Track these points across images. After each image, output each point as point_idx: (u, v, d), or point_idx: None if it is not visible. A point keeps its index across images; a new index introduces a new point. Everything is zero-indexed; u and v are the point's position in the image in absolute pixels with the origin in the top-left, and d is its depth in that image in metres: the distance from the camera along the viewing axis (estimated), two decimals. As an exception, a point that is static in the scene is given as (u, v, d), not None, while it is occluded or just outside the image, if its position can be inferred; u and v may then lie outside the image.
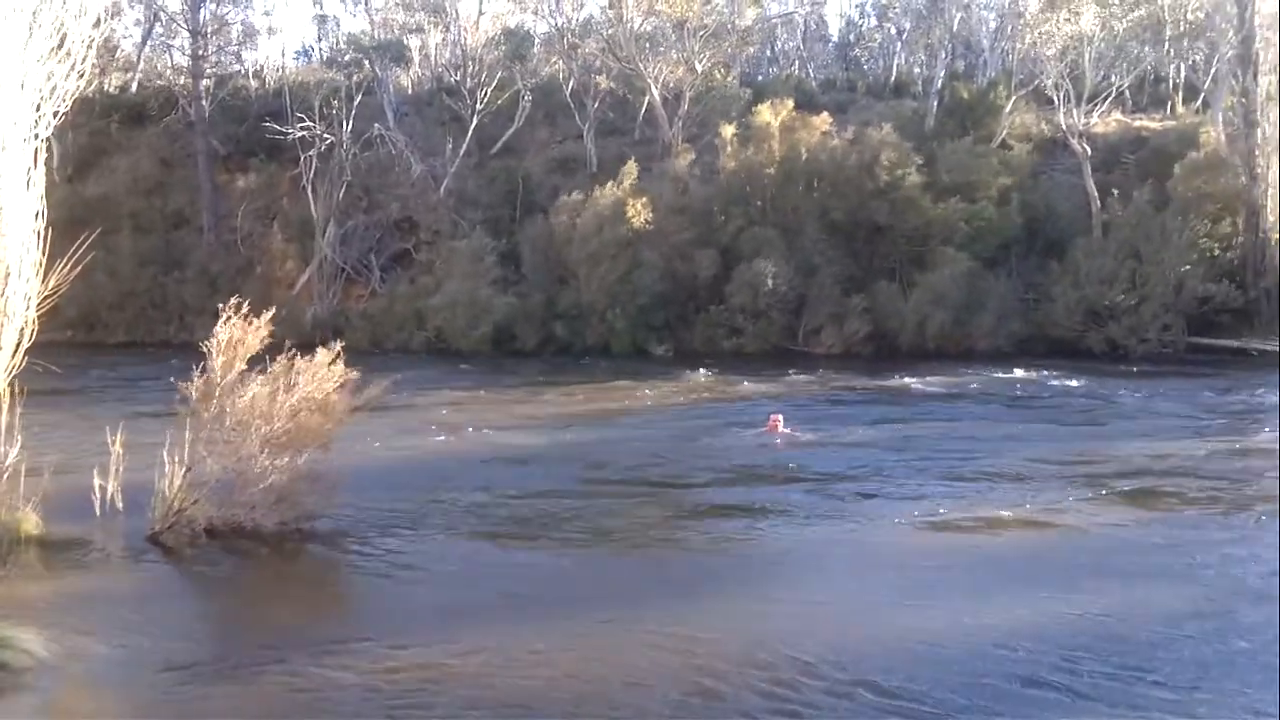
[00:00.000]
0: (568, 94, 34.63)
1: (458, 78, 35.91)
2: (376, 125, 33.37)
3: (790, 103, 30.38)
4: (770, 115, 29.53)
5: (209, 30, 36.37)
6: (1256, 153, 26.56)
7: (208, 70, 35.89)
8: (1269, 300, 26.02)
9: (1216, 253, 26.17)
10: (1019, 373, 22.47)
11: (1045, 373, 22.34)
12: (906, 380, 21.74)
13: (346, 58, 37.57)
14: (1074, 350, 25.54)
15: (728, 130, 29.92)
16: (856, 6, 48.13)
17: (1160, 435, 15.52)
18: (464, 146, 33.01)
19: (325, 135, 31.90)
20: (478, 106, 33.40)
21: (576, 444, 15.54)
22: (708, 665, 7.17)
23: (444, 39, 38.60)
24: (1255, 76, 27.08)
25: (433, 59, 38.83)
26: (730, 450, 14.89)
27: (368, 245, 32.26)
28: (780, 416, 16.18)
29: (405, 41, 38.44)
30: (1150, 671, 7.07)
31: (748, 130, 30.07)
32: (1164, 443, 14.80)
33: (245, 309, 10.48)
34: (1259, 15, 27.51)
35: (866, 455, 14.33)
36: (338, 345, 10.81)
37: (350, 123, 32.09)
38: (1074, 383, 21.31)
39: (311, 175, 31.90)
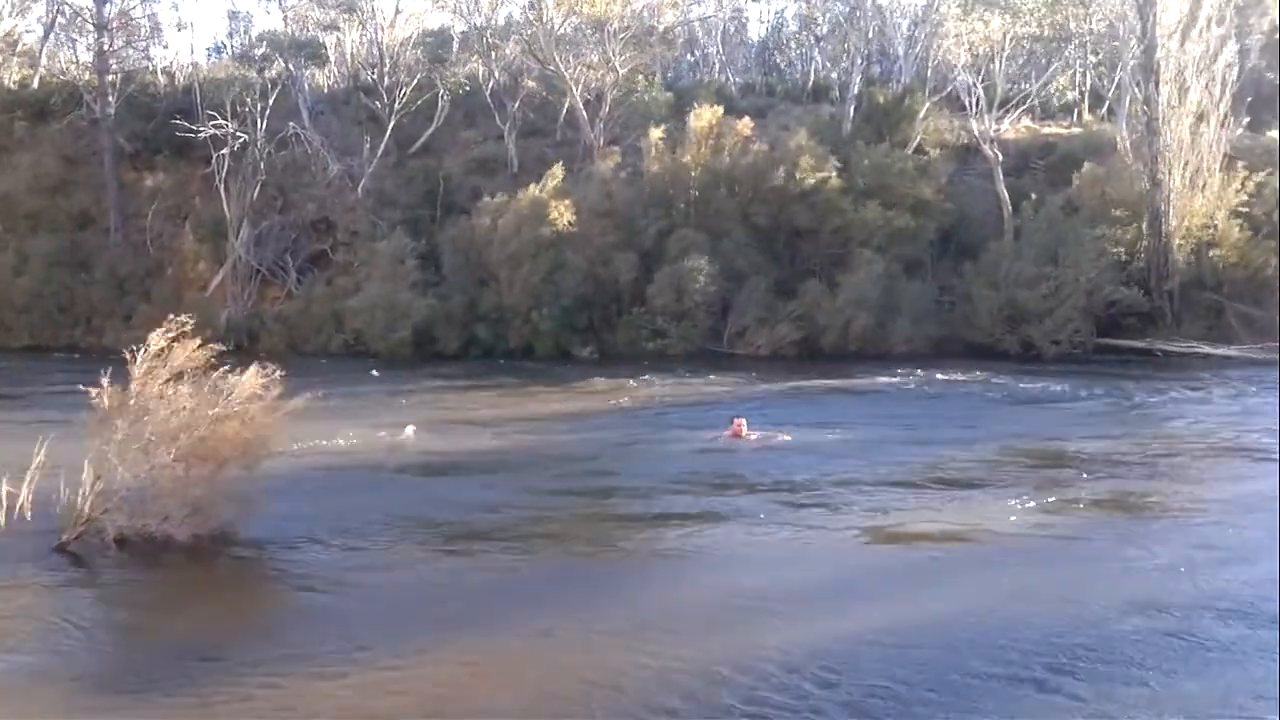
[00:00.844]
0: (488, 94, 34.28)
1: (375, 76, 35.30)
2: (292, 124, 32.61)
3: (720, 109, 30.54)
4: (700, 119, 29.65)
5: (114, 25, 35.17)
6: (1159, 160, 27.43)
7: (114, 66, 34.69)
8: (1172, 303, 26.93)
9: (1123, 258, 26.98)
10: (942, 375, 22.80)
11: (964, 374, 22.76)
12: (837, 381, 22.03)
13: (260, 54, 36.67)
14: (990, 352, 26.10)
15: (655, 133, 29.95)
16: (776, 13, 48.48)
17: (1077, 433, 15.86)
18: (382, 146, 32.45)
19: (238, 134, 31.07)
20: (396, 106, 32.86)
21: (502, 449, 15.34)
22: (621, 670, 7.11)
23: (360, 37, 37.90)
24: (1157, 85, 27.99)
25: (349, 57, 38.10)
26: (662, 454, 14.83)
27: (283, 246, 31.52)
28: (744, 420, 15.72)
29: (320, 39, 37.68)
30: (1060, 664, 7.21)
31: (674, 134, 30.13)
32: (1081, 441, 15.14)
33: (180, 322, 10.22)
34: (1160, 26, 28.42)
35: (815, 458, 14.34)
36: (257, 351, 10.51)
37: (264, 121, 31.30)
38: (994, 383, 21.77)
39: (224, 174, 31.03)
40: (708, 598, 8.71)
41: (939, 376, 22.53)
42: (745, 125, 30.09)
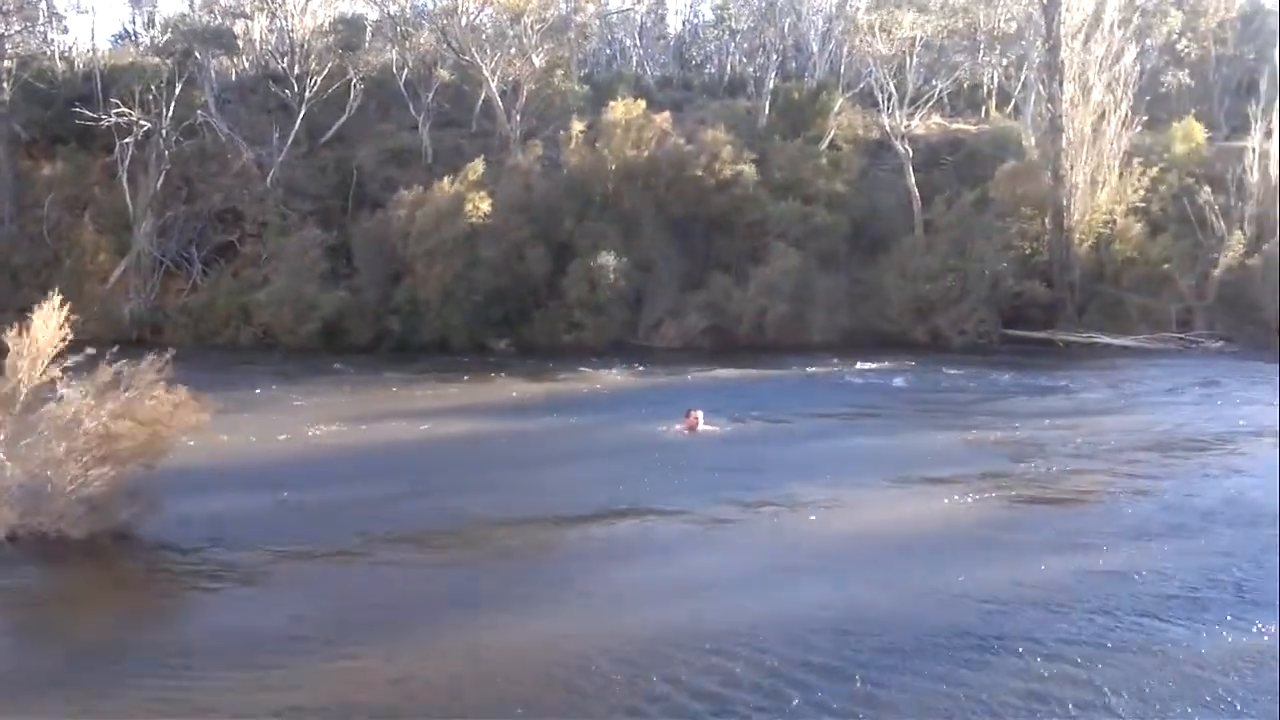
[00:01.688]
0: (402, 84, 33.87)
1: (285, 64, 34.61)
2: (199, 112, 31.82)
3: (642, 102, 30.65)
4: (618, 112, 29.73)
5: (9, 8, 33.90)
6: (1062, 157, 28.31)
7: (9, 50, 33.47)
8: (1074, 295, 27.84)
9: (1028, 251, 27.82)
10: (854, 364, 23.30)
11: (875, 365, 23.26)
12: (751, 372, 22.32)
13: (165, 41, 35.67)
14: (901, 342, 26.69)
15: (577, 126, 29.94)
16: (692, 7, 48.78)
17: (981, 423, 16.35)
18: (292, 136, 31.82)
19: (142, 122, 30.23)
20: (307, 95, 32.28)
21: (417, 443, 15.24)
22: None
23: (270, 24, 37.11)
24: (1061, 84, 28.86)
25: (258, 44, 37.29)
26: (578, 447, 14.87)
27: (188, 237, 30.77)
28: (700, 413, 15.54)
29: (229, 26, 36.79)
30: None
31: (594, 127, 30.17)
32: (982, 430, 15.62)
33: (58, 306, 9.90)
34: (1064, 26, 29.31)
35: (752, 448, 14.54)
36: (162, 345, 10.32)
37: (170, 109, 30.49)
38: (902, 372, 22.28)
39: (127, 164, 30.18)
40: (631, 590, 8.84)
41: (853, 366, 22.99)
42: (664, 119, 30.26)
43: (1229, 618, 7.91)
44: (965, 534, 10.31)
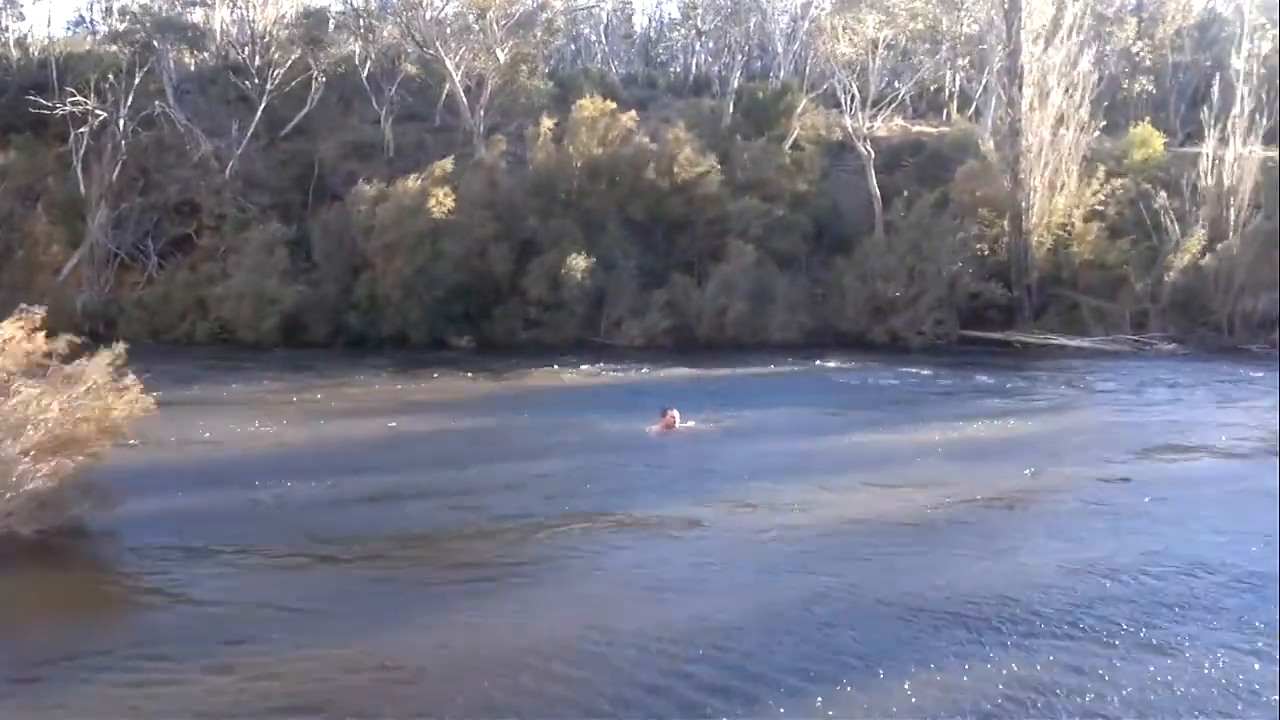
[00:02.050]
0: (365, 77, 33.68)
1: (246, 55, 34.30)
2: (157, 103, 31.46)
3: (611, 103, 30.67)
4: (585, 110, 29.76)
5: (-41, -8, 33.36)
6: (1020, 160, 28.69)
7: (-41, 35, 32.93)
8: (1031, 297, 28.24)
9: (986, 253, 28.17)
10: (813, 364, 23.53)
11: (833, 364, 23.49)
12: (713, 371, 22.46)
13: (124, 29, 35.20)
14: (859, 342, 26.93)
15: (546, 123, 29.95)
16: (659, 6, 48.91)
17: (938, 424, 16.53)
18: (252, 128, 31.56)
19: (98, 111, 29.84)
20: (268, 86, 32.02)
21: (371, 441, 15.18)
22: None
23: (231, 14, 36.72)
24: (1020, 88, 29.24)
25: (219, 35, 36.89)
26: (539, 445, 14.89)
27: (144, 229, 30.45)
28: (676, 412, 15.51)
29: (189, 16, 36.37)
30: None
31: (560, 125, 30.17)
32: (939, 431, 15.82)
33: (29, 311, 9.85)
34: (1024, 32, 29.69)
35: (722, 448, 14.63)
36: (116, 339, 10.26)
37: (127, 99, 30.12)
38: (860, 373, 22.50)
39: (82, 153, 29.80)
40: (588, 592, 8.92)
41: (813, 366, 23.19)
42: (630, 118, 30.33)
43: (1156, 622, 8.08)
44: (918, 533, 10.47)
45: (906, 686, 6.86)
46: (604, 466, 13.34)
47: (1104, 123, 32.22)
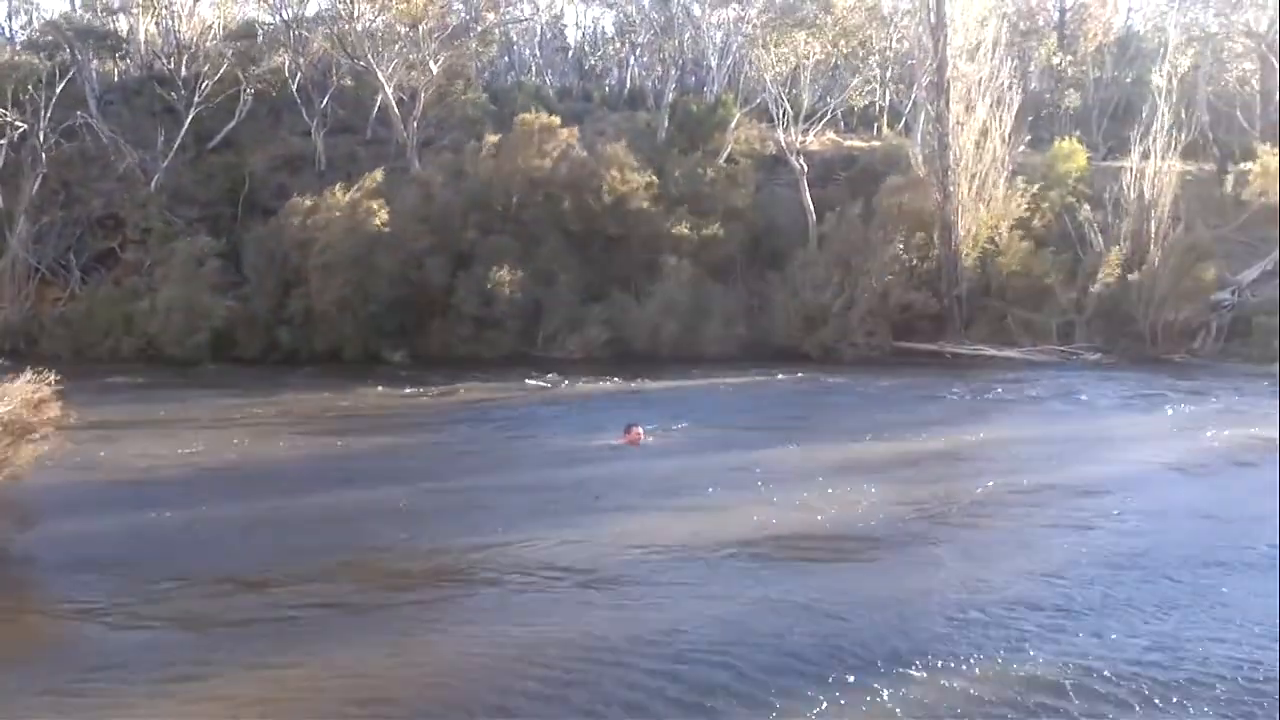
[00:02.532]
0: (295, 89, 33.33)
1: (171, 66, 33.75)
2: (79, 114, 30.81)
3: (556, 118, 30.72)
4: (529, 125, 29.82)
5: None
6: (948, 173, 29.29)
7: None
8: (960, 308, 28.80)
9: (915, 264, 28.66)
10: (749, 377, 23.74)
11: (768, 376, 23.76)
12: (653, 384, 22.56)
13: (45, 39, 34.43)
14: (794, 354, 27.21)
15: (490, 139, 29.97)
16: (594, 20, 49.09)
17: (868, 435, 16.79)
18: (178, 140, 31.05)
19: (18, 123, 29.13)
20: (195, 98, 31.53)
21: (306, 461, 14.99)
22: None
23: (156, 24, 36.13)
24: (948, 103, 29.88)
25: (143, 46, 36.27)
26: (476, 462, 14.84)
27: (66, 244, 29.77)
28: (640, 429, 15.33)
29: (113, 25, 35.72)
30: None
31: (503, 138, 30.19)
32: (871, 443, 16.08)
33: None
34: (950, 48, 30.36)
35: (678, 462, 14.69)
36: (37, 356, 10.03)
37: (48, 110, 29.44)
38: (794, 385, 22.82)
39: (1, 166, 29.02)
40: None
41: (748, 380, 23.41)
42: (571, 134, 30.45)
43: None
44: (855, 546, 10.65)
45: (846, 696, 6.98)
46: (545, 481, 13.34)
47: (1029, 137, 33.05)
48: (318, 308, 27.20)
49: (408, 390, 21.57)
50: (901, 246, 28.31)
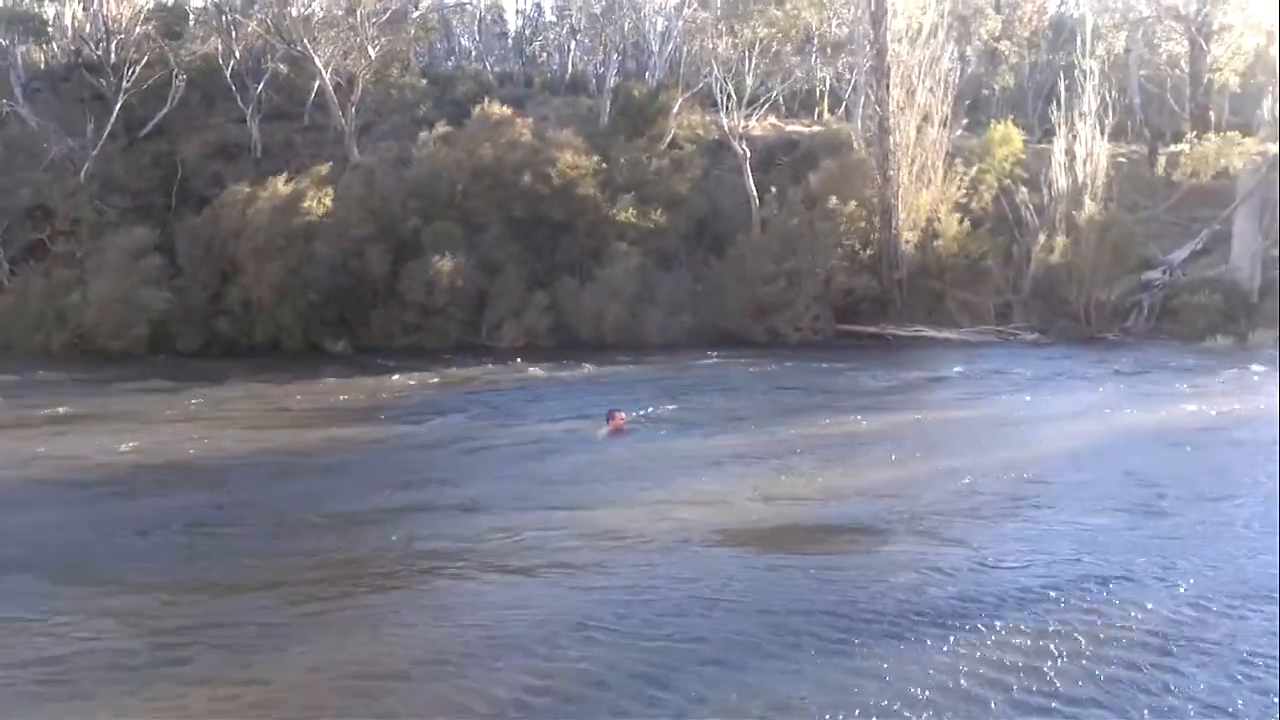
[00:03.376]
0: (229, 75, 32.71)
1: (100, 52, 32.93)
2: (4, 102, 29.97)
3: (509, 109, 30.52)
4: (490, 115, 29.68)
5: None
6: (889, 157, 29.63)
7: None
8: (901, 291, 29.19)
9: (858, 249, 28.98)
10: (695, 363, 23.81)
11: (714, 361, 23.92)
12: (598, 370, 22.51)
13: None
14: (740, 340, 27.42)
15: (440, 129, 29.74)
16: (533, 4, 48.72)
17: (821, 416, 16.96)
18: (108, 128, 30.35)
19: (-63, 111, 28.31)
20: (124, 84, 30.81)
21: (247, 455, 14.77)
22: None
23: (83, 9, 35.22)
24: (888, 88, 30.18)
25: (70, 31, 35.34)
26: (422, 454, 14.74)
27: (-7, 236, 29.00)
28: (623, 414, 14.95)
29: (38, 10, 34.74)
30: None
31: (453, 128, 30.02)
32: (823, 424, 16.26)
33: None
34: (890, 32, 30.65)
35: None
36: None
37: (-31, 98, 28.64)
38: (740, 369, 22.96)
39: (-78, 156, 28.20)
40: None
41: (693, 365, 23.52)
42: (525, 123, 30.34)
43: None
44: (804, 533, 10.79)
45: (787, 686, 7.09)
46: (497, 471, 13.29)
47: (967, 120, 33.53)
48: (256, 297, 26.83)
49: (351, 380, 21.36)
50: (843, 230, 28.60)
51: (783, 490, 12.06)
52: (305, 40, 31.38)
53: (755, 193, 30.64)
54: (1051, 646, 7.42)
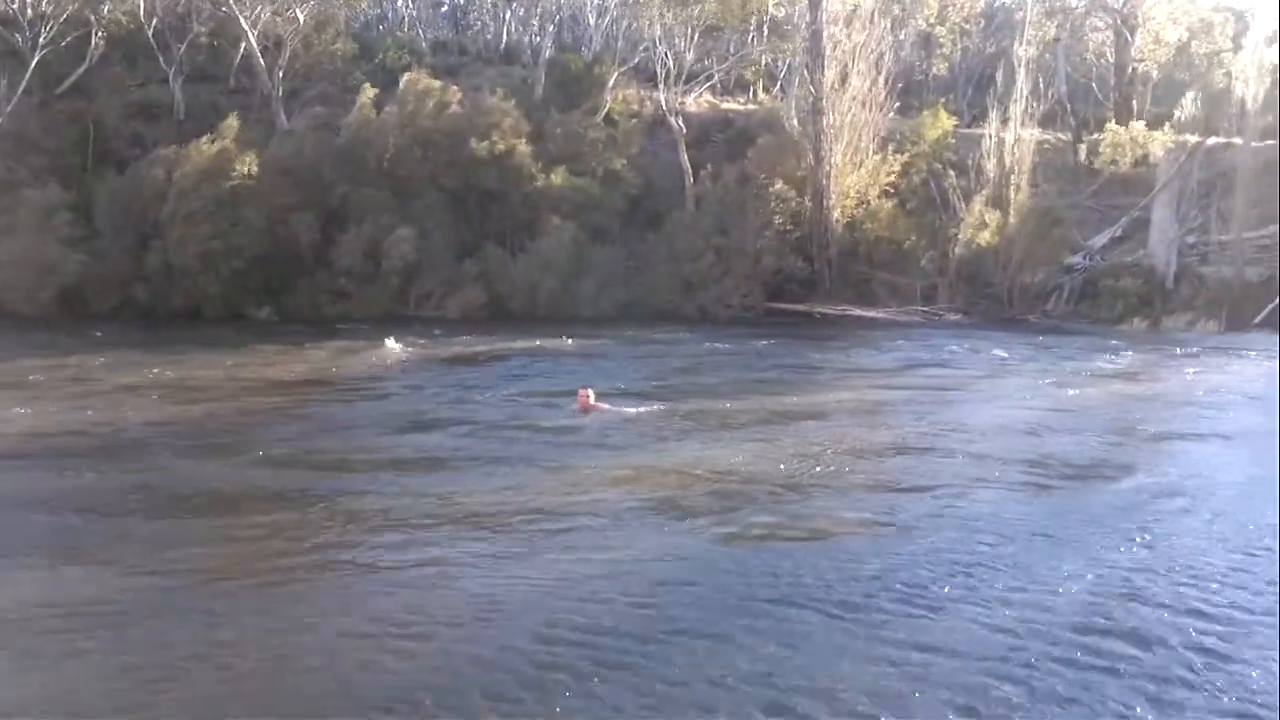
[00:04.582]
0: (151, 34, 31.73)
1: (15, 7, 31.69)
2: (-91, 54, 28.77)
3: (436, 83, 29.99)
4: (419, 86, 29.17)
5: None
6: (822, 138, 29.87)
7: None
8: (830, 270, 29.54)
9: (789, 228, 29.22)
10: (625, 337, 23.85)
11: (645, 338, 23.94)
12: (531, 343, 22.33)
13: None
14: (672, 316, 27.53)
15: (368, 93, 29.14)
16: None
17: (749, 392, 17.06)
18: (23, 85, 29.26)
19: None
20: (40, 40, 29.72)
21: (161, 426, 14.22)
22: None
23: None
24: (823, 69, 30.39)
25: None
26: (347, 429, 14.39)
27: (-101, 194, 27.82)
28: (590, 391, 14.70)
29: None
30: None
31: (381, 95, 29.46)
32: (750, 400, 16.36)
33: None
34: (826, 14, 30.86)
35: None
36: None
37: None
38: (670, 345, 23.03)
39: None
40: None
41: (627, 341, 23.47)
42: (455, 93, 29.94)
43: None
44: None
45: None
46: (425, 448, 13.09)
47: (899, 104, 33.89)
48: (177, 263, 26.22)
49: (273, 350, 20.85)
50: (775, 210, 28.80)
51: (703, 463, 12.09)
52: (231, 1, 30.56)
53: (690, 169, 30.71)
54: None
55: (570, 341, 22.95)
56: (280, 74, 31.25)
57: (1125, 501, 10.81)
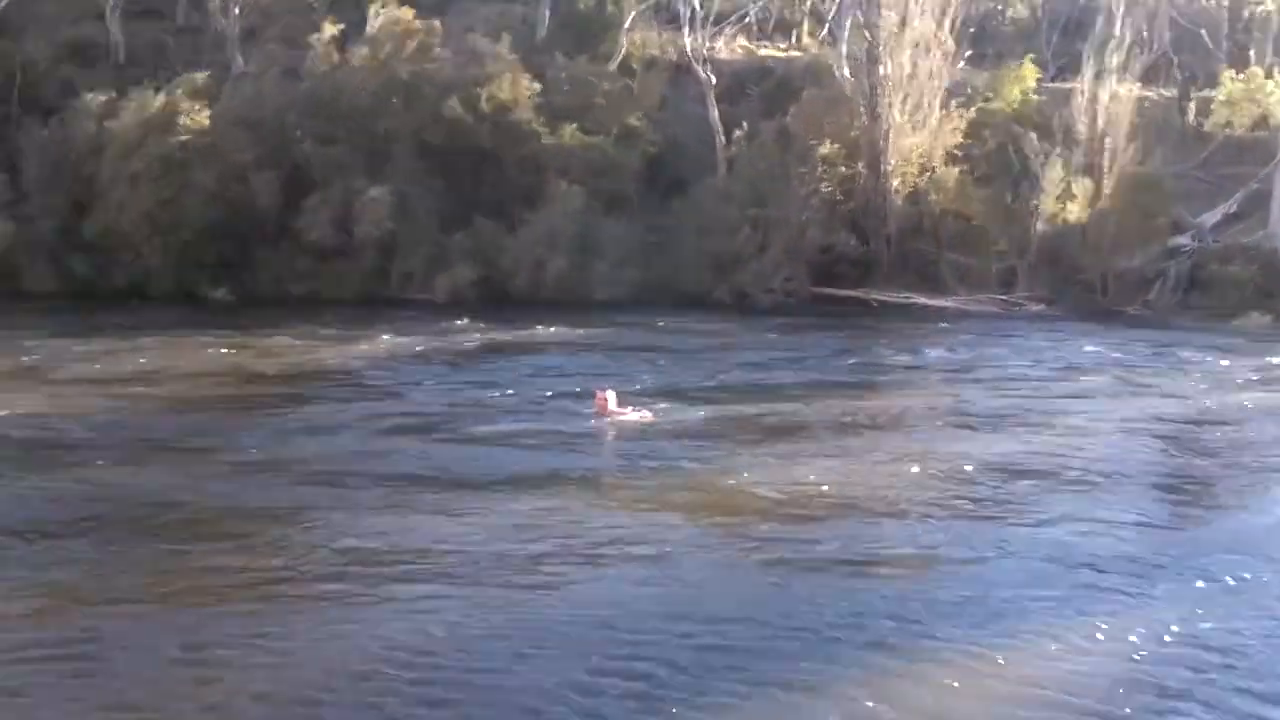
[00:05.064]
0: (85, -38, 31.66)
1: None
2: None
3: (410, 10, 29.82)
4: (388, 21, 29.09)
5: None
6: (879, 91, 29.55)
7: None
8: (889, 250, 29.28)
9: (839, 199, 28.92)
10: (651, 325, 23.69)
11: (669, 325, 23.83)
12: (535, 333, 22.27)
13: None
14: (700, 301, 27.32)
15: (329, 29, 29.00)
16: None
17: (803, 396, 16.87)
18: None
19: None
20: (-44, -32, 29.71)
21: (94, 424, 14.14)
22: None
23: None
24: (879, 10, 30.10)
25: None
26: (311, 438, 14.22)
27: None
28: (609, 394, 14.75)
29: None
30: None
31: (345, 32, 29.35)
32: (806, 406, 16.17)
33: None
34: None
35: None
36: None
37: None
38: (699, 336, 22.86)
39: None
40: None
41: (654, 331, 23.31)
42: (435, 28, 29.78)
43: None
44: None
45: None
46: (416, 458, 12.98)
47: (969, 52, 33.60)
48: (120, 231, 26.22)
49: (230, 337, 20.72)
50: (822, 176, 28.51)
51: (747, 483, 11.95)
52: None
53: (721, 128, 30.49)
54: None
55: (581, 331, 22.82)
56: (236, 9, 31.13)
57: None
